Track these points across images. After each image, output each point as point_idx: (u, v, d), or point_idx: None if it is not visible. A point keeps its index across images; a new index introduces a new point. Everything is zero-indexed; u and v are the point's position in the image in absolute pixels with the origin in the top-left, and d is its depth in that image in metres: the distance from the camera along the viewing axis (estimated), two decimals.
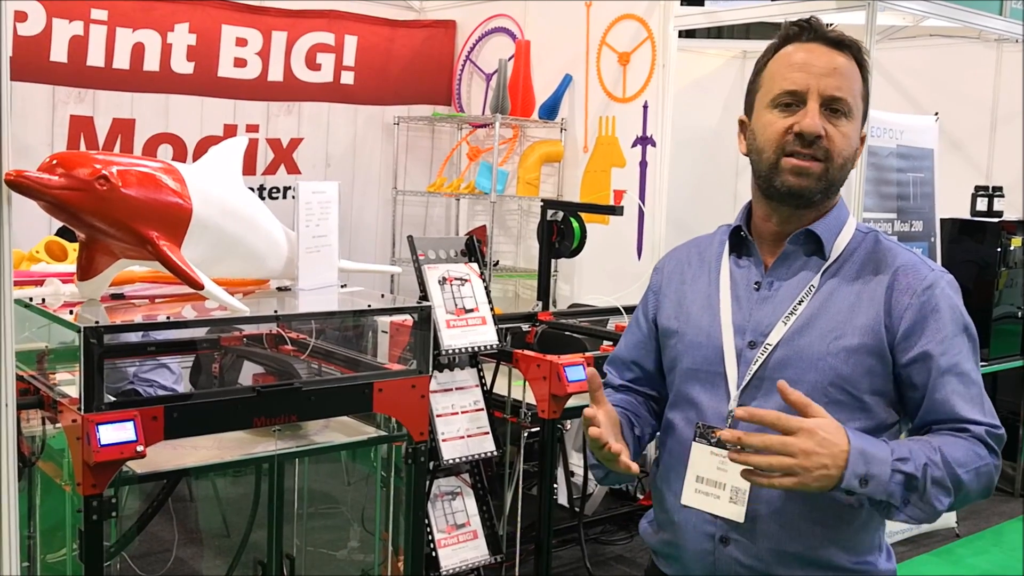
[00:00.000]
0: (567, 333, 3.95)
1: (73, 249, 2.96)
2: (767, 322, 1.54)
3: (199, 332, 3.29)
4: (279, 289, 2.92)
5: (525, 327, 3.97)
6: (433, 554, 3.14)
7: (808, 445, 1.34)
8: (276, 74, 5.21)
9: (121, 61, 4.69)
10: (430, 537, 3.14)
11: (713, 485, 1.53)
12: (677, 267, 1.73)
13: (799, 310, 1.53)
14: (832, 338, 1.50)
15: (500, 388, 3.42)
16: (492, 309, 3.31)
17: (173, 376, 3.78)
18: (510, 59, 5.35)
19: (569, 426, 4.45)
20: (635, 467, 1.49)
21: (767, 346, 1.53)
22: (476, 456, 3.24)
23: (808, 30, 1.56)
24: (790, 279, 1.56)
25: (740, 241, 1.65)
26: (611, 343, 3.78)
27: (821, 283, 1.54)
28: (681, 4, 4.85)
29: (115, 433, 2.17)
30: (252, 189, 4.74)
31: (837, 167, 1.52)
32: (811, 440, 1.35)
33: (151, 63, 4.77)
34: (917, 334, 1.49)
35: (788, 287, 1.56)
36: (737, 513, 1.50)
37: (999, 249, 4.87)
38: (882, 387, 1.51)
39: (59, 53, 4.51)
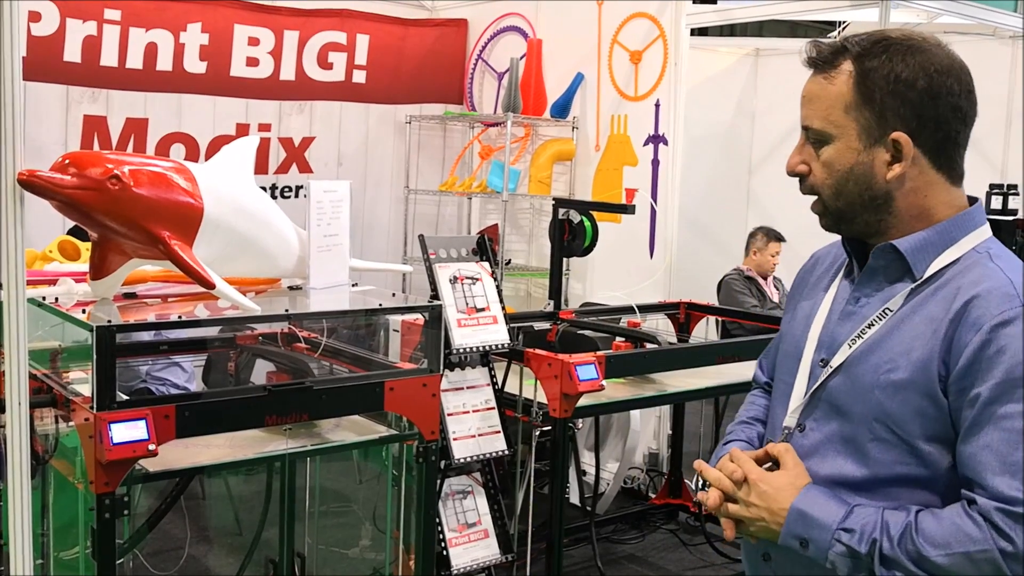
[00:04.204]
0: (582, 332, 3.94)
1: (86, 248, 2.97)
2: (840, 340, 1.44)
3: (211, 331, 3.30)
4: (290, 288, 2.92)
5: (544, 325, 3.97)
6: (444, 553, 3.14)
7: (749, 496, 1.41)
8: (288, 73, 5.22)
9: (134, 61, 4.71)
10: (441, 536, 3.13)
11: None
12: (809, 270, 1.64)
13: (867, 334, 1.40)
14: (886, 370, 1.36)
15: (512, 387, 3.42)
16: (504, 308, 3.31)
17: (185, 375, 3.80)
18: (522, 58, 5.34)
19: (581, 425, 4.44)
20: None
21: (830, 367, 1.43)
22: (487, 455, 3.24)
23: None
24: (876, 297, 1.43)
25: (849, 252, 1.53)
26: (624, 340, 3.78)
27: (901, 306, 1.39)
28: (693, 2, 4.83)
29: (127, 431, 2.17)
30: (264, 188, 4.76)
31: (828, 197, 1.43)
32: (752, 492, 1.40)
33: (164, 63, 4.79)
34: (972, 375, 1.28)
35: (871, 306, 1.43)
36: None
37: (1014, 247, 4.83)
38: (940, 433, 1.32)
39: (73, 53, 4.53)
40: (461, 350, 3.15)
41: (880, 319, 1.40)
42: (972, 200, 1.44)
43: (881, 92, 1.36)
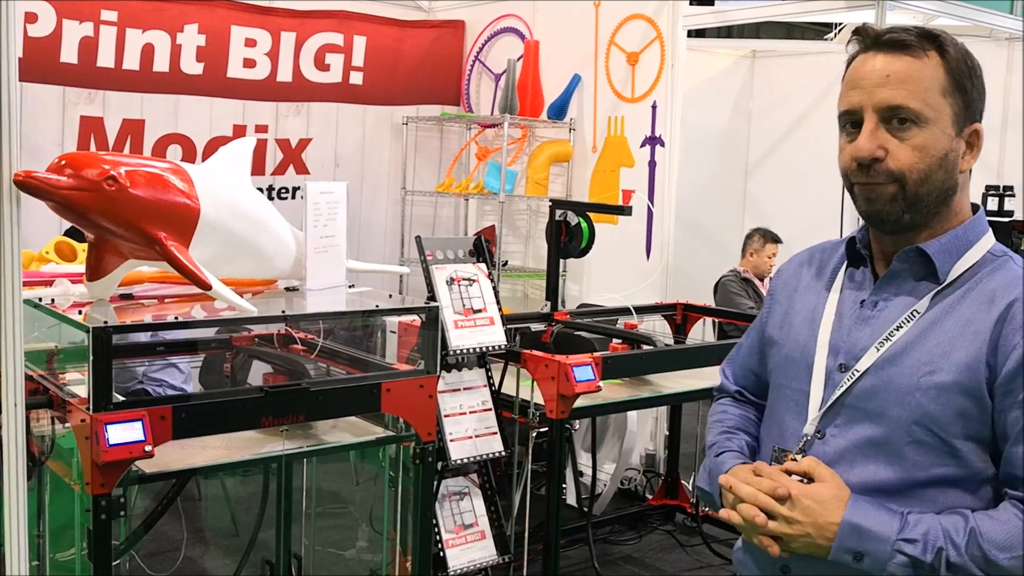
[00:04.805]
0: (579, 333, 3.95)
1: (82, 249, 2.97)
2: (862, 345, 1.41)
3: (208, 332, 3.30)
4: (287, 289, 2.92)
5: (541, 327, 3.97)
6: (441, 554, 3.14)
7: (790, 513, 1.34)
8: (285, 74, 5.22)
9: (131, 62, 4.70)
10: (438, 537, 3.13)
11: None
12: (795, 273, 1.62)
13: (896, 336, 1.38)
14: (925, 372, 1.34)
15: (508, 388, 3.42)
16: (500, 309, 3.31)
17: (182, 376, 3.80)
18: (519, 59, 5.35)
19: (577, 426, 4.44)
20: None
21: (855, 371, 1.40)
22: (484, 456, 3.24)
23: (864, 38, 1.41)
24: (896, 301, 1.42)
25: (857, 255, 1.51)
26: (620, 342, 3.78)
27: (928, 308, 1.38)
28: (690, 4, 4.84)
29: (123, 433, 2.17)
30: (261, 189, 4.75)
31: (914, 183, 1.36)
32: (795, 508, 1.34)
33: (161, 64, 4.79)
34: (1020, 378, 1.29)
35: (892, 309, 1.41)
36: None
37: (1011, 249, 4.85)
38: (978, 433, 1.33)
39: (69, 54, 4.53)
40: (458, 351, 3.15)
41: (908, 321, 1.38)
42: (973, 205, 1.46)
43: (969, 82, 1.37)
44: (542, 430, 3.44)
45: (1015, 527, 1.27)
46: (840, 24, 5.80)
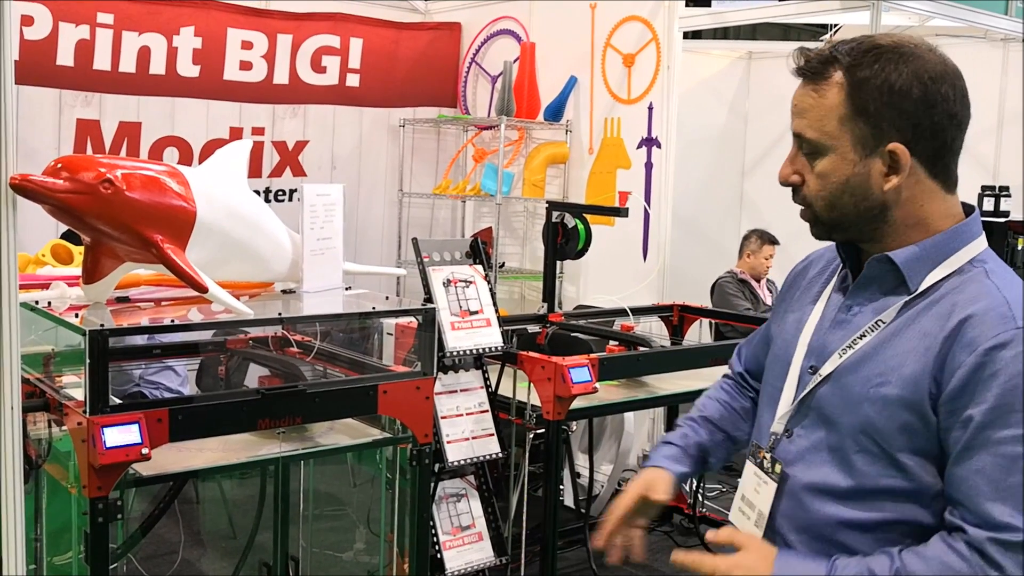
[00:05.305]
0: (574, 335, 3.95)
1: (79, 252, 2.97)
2: (831, 349, 1.43)
3: (204, 335, 3.30)
4: (284, 292, 2.92)
5: (536, 328, 3.97)
6: (438, 556, 3.14)
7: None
8: (281, 77, 5.22)
9: (127, 64, 4.70)
10: (435, 539, 3.14)
11: (748, 506, 1.51)
12: (803, 271, 1.63)
13: (858, 344, 1.39)
14: (876, 383, 1.35)
15: (505, 390, 3.42)
16: (497, 311, 3.31)
17: (179, 378, 3.80)
18: (515, 61, 5.35)
19: (574, 427, 4.44)
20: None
21: (819, 375, 1.43)
22: (481, 458, 3.24)
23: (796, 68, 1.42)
24: (869, 308, 1.42)
25: (844, 257, 1.51)
26: (617, 344, 3.78)
27: (894, 318, 1.37)
28: (686, 5, 4.85)
29: (120, 435, 2.17)
30: (258, 192, 4.76)
31: (821, 209, 1.41)
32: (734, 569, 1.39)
33: (157, 66, 4.79)
34: (965, 397, 1.27)
35: (863, 316, 1.41)
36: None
37: (1006, 249, 4.86)
38: (923, 448, 1.32)
39: (65, 57, 4.53)
40: (454, 353, 3.15)
41: (872, 330, 1.38)
42: (968, 208, 1.42)
43: (876, 103, 1.33)
44: (539, 431, 3.44)
45: (940, 564, 1.26)
46: (836, 25, 5.81)
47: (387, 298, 3.07)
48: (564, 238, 4.08)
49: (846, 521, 1.38)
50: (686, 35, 4.91)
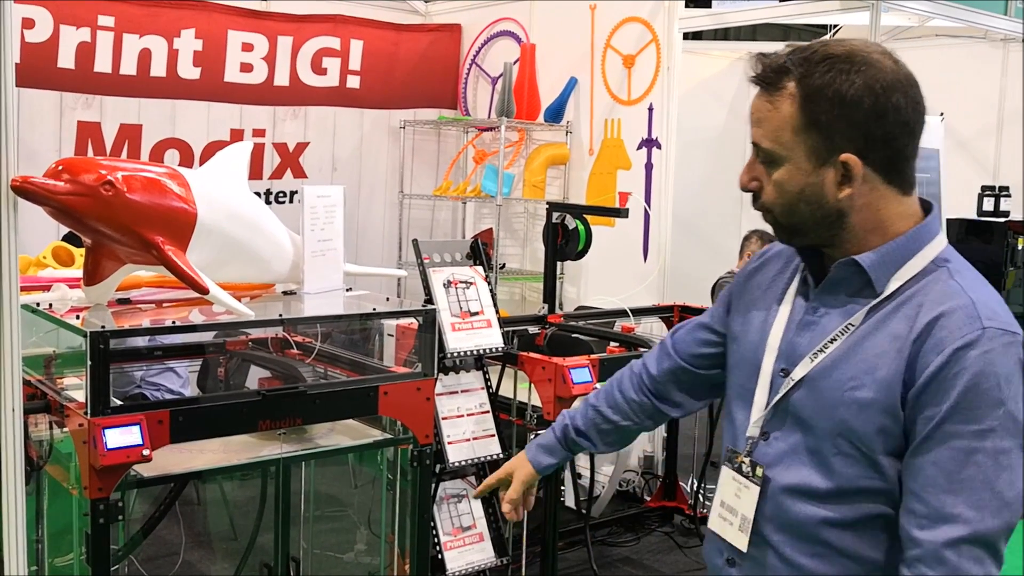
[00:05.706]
0: (575, 336, 3.95)
1: (80, 254, 2.98)
2: (800, 352, 1.43)
3: (205, 336, 3.30)
4: (284, 293, 2.93)
5: (535, 329, 3.98)
6: (439, 556, 3.14)
7: None
8: (282, 79, 5.23)
9: (128, 67, 4.71)
10: (436, 540, 3.14)
11: (729, 511, 1.51)
12: (762, 268, 1.62)
13: (829, 348, 1.39)
14: (850, 387, 1.36)
15: (506, 391, 3.43)
16: (497, 312, 3.32)
17: (180, 380, 3.80)
18: (515, 62, 5.36)
19: None
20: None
21: (792, 379, 1.43)
22: (482, 458, 3.24)
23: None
24: (836, 311, 1.42)
25: (807, 258, 1.50)
26: (618, 345, 3.78)
27: (863, 322, 1.38)
28: (686, 6, 4.85)
29: (121, 437, 2.18)
30: (258, 193, 4.75)
31: (779, 215, 1.43)
32: None
33: (158, 69, 4.80)
34: (929, 394, 1.29)
35: (831, 319, 1.42)
36: (742, 542, 1.48)
37: (1006, 249, 4.86)
38: (897, 448, 1.33)
39: (66, 59, 4.53)
40: (455, 354, 3.16)
41: (842, 334, 1.39)
42: (926, 205, 1.43)
43: (827, 114, 1.34)
44: (540, 432, 3.44)
45: None
46: (836, 26, 5.81)
47: (388, 299, 3.08)
48: (564, 239, 4.09)
49: (828, 520, 1.39)
50: (686, 36, 4.91)
